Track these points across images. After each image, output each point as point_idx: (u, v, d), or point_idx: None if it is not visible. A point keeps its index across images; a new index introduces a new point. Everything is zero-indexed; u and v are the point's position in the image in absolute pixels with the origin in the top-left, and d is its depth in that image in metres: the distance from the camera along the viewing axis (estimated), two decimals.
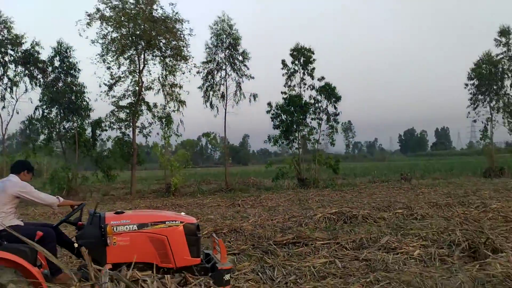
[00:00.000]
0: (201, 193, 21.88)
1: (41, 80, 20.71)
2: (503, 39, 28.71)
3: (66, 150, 21.29)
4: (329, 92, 24.46)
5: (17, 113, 20.20)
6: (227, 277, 4.60)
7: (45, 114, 20.80)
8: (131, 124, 21.35)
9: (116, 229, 4.55)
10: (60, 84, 20.95)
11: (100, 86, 21.16)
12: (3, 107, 19.96)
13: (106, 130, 21.85)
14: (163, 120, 21.50)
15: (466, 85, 30.10)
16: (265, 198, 18.27)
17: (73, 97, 20.77)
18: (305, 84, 24.88)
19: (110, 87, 21.19)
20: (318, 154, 25.31)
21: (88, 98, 21.26)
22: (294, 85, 24.98)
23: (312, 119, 25.01)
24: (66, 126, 21.10)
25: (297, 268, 6.41)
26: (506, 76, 28.86)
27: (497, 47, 28.95)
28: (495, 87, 29.01)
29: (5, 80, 20.09)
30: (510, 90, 28.94)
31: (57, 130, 20.87)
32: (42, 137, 20.87)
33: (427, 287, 5.35)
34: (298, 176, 24.91)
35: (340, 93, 24.60)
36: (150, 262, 4.69)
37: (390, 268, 6.30)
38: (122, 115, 21.31)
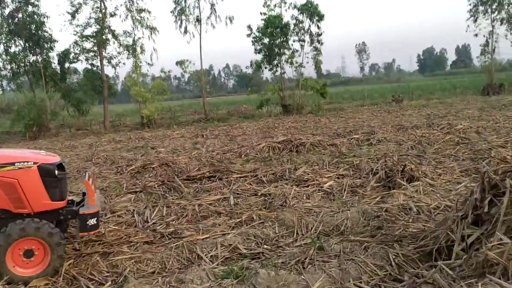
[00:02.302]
0: (177, 124, 21.16)
1: None
2: None
3: (33, 85, 20.35)
4: (311, 10, 22.62)
5: None
6: (92, 221, 4.06)
7: (8, 47, 19.66)
8: (98, 55, 20.21)
9: None
10: (20, 16, 19.58)
11: (63, 15, 19.84)
12: None
13: (74, 62, 20.76)
14: (129, 48, 20.23)
15: None
16: (237, 127, 17.51)
17: (34, 28, 19.46)
18: (285, 3, 22.99)
19: (73, 16, 19.86)
20: (302, 78, 24.04)
21: (50, 28, 19.98)
22: (275, 5, 23.13)
23: (294, 41, 23.44)
24: (31, 60, 19.95)
25: (184, 207, 5.70)
26: None
27: None
28: None
29: None
30: None
31: (23, 64, 19.79)
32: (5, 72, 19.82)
33: (280, 225, 4.63)
34: (282, 103, 23.91)
35: (325, 11, 22.85)
36: (3, 208, 4.10)
37: (288, 203, 5.56)
38: (88, 45, 20.10)
